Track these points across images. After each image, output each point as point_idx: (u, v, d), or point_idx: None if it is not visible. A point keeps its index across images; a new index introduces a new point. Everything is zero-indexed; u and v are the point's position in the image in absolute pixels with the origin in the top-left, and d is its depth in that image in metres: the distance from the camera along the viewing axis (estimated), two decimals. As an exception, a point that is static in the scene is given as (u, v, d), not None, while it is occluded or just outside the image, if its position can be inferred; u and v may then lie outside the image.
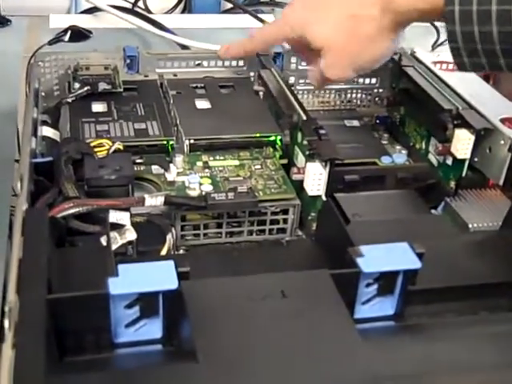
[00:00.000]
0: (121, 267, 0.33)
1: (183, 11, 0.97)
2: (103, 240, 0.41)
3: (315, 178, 0.45)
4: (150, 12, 0.90)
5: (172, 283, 0.33)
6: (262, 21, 0.81)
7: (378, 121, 0.63)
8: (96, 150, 0.45)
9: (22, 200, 0.38)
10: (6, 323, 0.30)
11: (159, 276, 0.33)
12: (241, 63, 0.60)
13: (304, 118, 0.49)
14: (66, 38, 0.78)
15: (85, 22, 0.84)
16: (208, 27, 0.87)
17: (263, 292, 0.32)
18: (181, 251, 0.45)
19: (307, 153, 0.47)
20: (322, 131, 0.47)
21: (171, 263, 0.34)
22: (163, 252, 0.42)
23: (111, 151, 0.45)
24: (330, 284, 0.33)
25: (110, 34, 0.82)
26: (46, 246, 0.35)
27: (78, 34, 0.79)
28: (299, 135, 0.49)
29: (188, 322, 0.31)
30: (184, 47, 0.74)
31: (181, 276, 0.33)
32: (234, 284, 0.33)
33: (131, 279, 0.33)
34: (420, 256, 0.35)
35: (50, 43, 0.76)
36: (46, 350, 0.28)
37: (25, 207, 0.37)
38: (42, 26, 0.84)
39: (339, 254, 0.38)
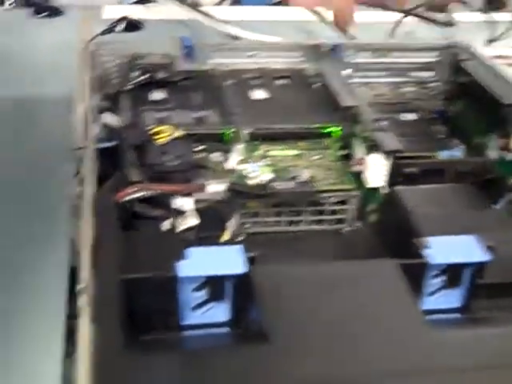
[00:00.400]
0: (189, 251, 0.34)
1: (233, 3, 0.97)
2: (165, 225, 0.42)
3: (376, 170, 0.45)
4: (199, 4, 0.90)
5: (240, 267, 0.33)
6: (314, 12, 0.81)
7: (434, 115, 0.62)
8: (157, 136, 0.45)
9: (88, 184, 0.38)
10: (82, 300, 0.30)
11: (228, 260, 0.33)
12: (296, 54, 0.60)
13: (365, 109, 0.49)
14: (119, 28, 0.79)
15: (137, 12, 0.85)
16: (258, 19, 0.87)
17: (332, 279, 0.32)
18: (240, 239, 0.45)
19: (367, 144, 0.47)
20: (382, 123, 0.47)
21: (239, 248, 0.34)
22: (225, 239, 0.43)
23: (172, 138, 0.46)
24: (398, 274, 0.33)
25: (162, 24, 0.82)
26: (115, 228, 0.35)
27: (131, 25, 0.80)
28: (358, 127, 0.49)
29: (258, 306, 0.31)
30: (236, 38, 0.74)
31: (249, 261, 0.33)
32: (302, 271, 0.33)
33: (200, 263, 0.33)
34: (488, 249, 0.35)
35: (103, 33, 0.77)
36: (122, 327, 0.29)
37: (92, 191, 0.38)
38: (94, 16, 0.84)
39: (403, 245, 0.38)
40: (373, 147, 0.46)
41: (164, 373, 0.27)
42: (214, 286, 0.33)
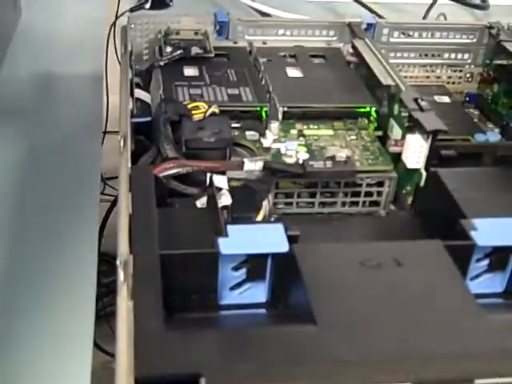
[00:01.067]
0: (230, 228, 0.33)
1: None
2: (199, 202, 0.41)
3: (415, 151, 0.44)
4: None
5: (283, 246, 0.32)
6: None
7: (467, 98, 0.61)
8: (193, 112, 0.45)
9: (126, 158, 0.38)
10: (121, 275, 0.30)
11: (269, 238, 0.32)
12: (331, 33, 0.58)
13: (403, 88, 0.47)
14: (148, 5, 0.78)
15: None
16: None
17: (376, 259, 0.31)
18: (272, 219, 0.45)
19: (406, 125, 0.46)
20: (422, 102, 0.46)
21: (280, 226, 0.33)
22: (259, 218, 0.42)
23: (208, 114, 0.45)
24: (444, 255, 0.32)
25: (190, 2, 0.82)
26: (153, 203, 0.34)
27: (159, 2, 0.79)
28: (396, 106, 0.48)
29: (302, 285, 0.30)
30: (264, 15, 0.73)
31: (291, 239, 0.33)
32: (345, 250, 0.32)
33: (241, 240, 0.32)
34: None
35: (132, 10, 0.76)
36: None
37: (129, 165, 0.37)
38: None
39: (446, 227, 0.37)
40: (411, 128, 0.45)
41: (205, 351, 0.26)
42: (255, 265, 0.33)
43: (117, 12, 0.81)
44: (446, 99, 0.60)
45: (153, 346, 0.26)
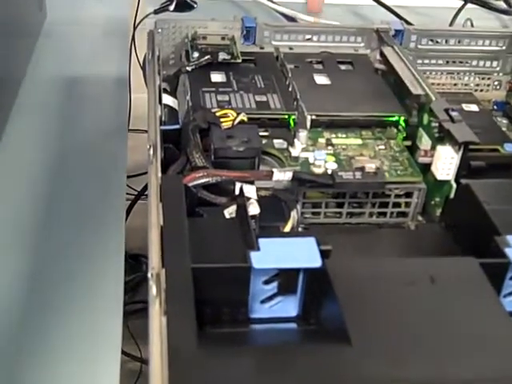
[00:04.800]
0: (262, 241, 0.33)
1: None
2: (227, 212, 0.41)
3: (446, 162, 0.43)
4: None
5: (315, 261, 0.32)
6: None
7: (495, 106, 0.60)
8: (221, 120, 0.44)
9: (155, 167, 0.38)
10: (153, 289, 0.30)
11: (302, 253, 0.32)
12: (358, 39, 0.58)
13: (433, 98, 0.47)
14: (172, 7, 0.77)
15: (188, -9, 0.84)
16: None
17: (410, 276, 0.31)
18: (300, 229, 0.44)
19: (436, 135, 0.45)
20: (453, 113, 0.45)
21: (313, 240, 0.33)
22: (287, 228, 0.41)
23: (236, 122, 0.44)
24: (479, 273, 0.32)
25: (214, 4, 0.81)
26: (184, 213, 0.34)
27: (183, 4, 0.78)
28: (426, 116, 0.47)
29: (335, 302, 0.30)
30: (291, 20, 0.72)
31: (323, 254, 0.32)
32: (378, 266, 0.32)
33: (273, 254, 0.32)
34: None
35: (156, 12, 0.76)
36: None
37: (159, 174, 0.37)
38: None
39: (478, 242, 0.37)
40: (441, 138, 0.45)
41: (239, 373, 0.26)
42: (287, 278, 0.32)
43: (136, 13, 0.81)
44: (473, 107, 0.59)
45: (188, 366, 0.25)
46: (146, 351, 0.27)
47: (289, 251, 0.32)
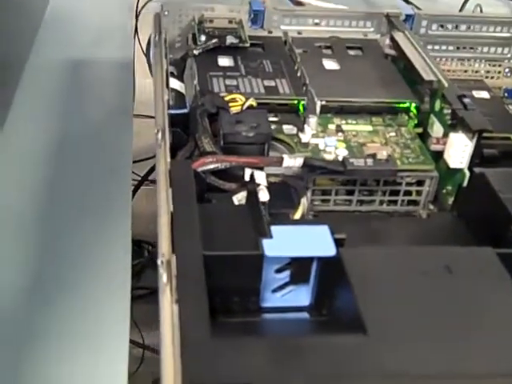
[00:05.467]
0: (275, 229, 0.32)
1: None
2: (235, 198, 0.40)
3: (459, 150, 0.42)
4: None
5: (330, 250, 0.31)
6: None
7: (506, 93, 0.59)
8: (230, 104, 0.43)
9: (164, 152, 0.37)
10: (164, 276, 0.29)
11: (315, 241, 0.31)
12: (368, 24, 0.57)
13: (446, 84, 0.46)
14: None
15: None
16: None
17: (426, 266, 0.30)
18: (310, 216, 0.43)
19: (449, 122, 0.44)
20: (466, 100, 0.44)
21: (326, 228, 0.32)
22: (297, 216, 0.41)
23: (245, 107, 0.44)
24: (497, 263, 0.31)
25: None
26: (194, 199, 0.33)
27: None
28: (437, 103, 0.46)
29: (350, 291, 0.29)
30: (298, 4, 0.71)
31: (337, 242, 0.31)
32: (393, 255, 0.31)
33: (286, 242, 0.31)
34: None
35: (161, -5, 0.75)
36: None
37: (168, 159, 0.36)
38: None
39: (493, 232, 0.36)
40: (454, 125, 0.44)
41: (253, 362, 0.25)
42: (299, 267, 0.31)
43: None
44: (484, 94, 0.58)
45: (201, 356, 0.25)
46: (150, 337, 0.26)
47: (302, 239, 0.31)
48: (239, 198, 0.40)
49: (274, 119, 0.45)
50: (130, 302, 0.41)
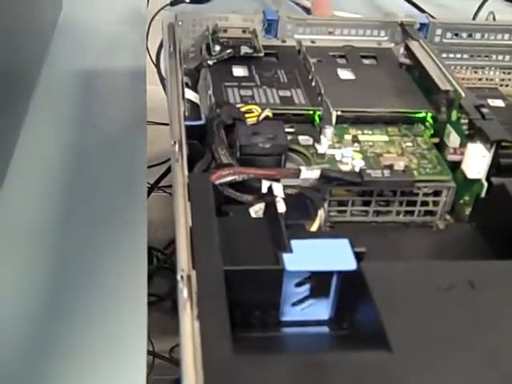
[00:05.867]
0: (294, 243, 0.32)
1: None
2: (252, 210, 0.40)
3: (477, 161, 0.42)
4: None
5: (350, 264, 0.31)
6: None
7: (519, 101, 0.59)
8: (246, 115, 0.43)
9: (182, 165, 0.37)
10: (185, 292, 0.29)
11: (335, 255, 0.31)
12: (382, 33, 0.57)
13: (463, 94, 0.46)
14: (188, -1, 0.76)
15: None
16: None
17: (449, 280, 0.30)
18: (327, 228, 0.43)
19: (466, 132, 0.44)
20: (484, 110, 0.44)
21: (346, 242, 0.32)
22: (314, 228, 0.40)
23: (261, 118, 0.43)
24: (521, 278, 0.31)
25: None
26: (213, 213, 0.33)
27: (200, -4, 0.77)
28: (454, 113, 0.46)
29: (372, 306, 0.29)
30: (310, 13, 0.71)
31: (357, 256, 0.31)
32: (415, 269, 0.31)
33: (306, 256, 0.31)
34: None
35: (173, 4, 0.75)
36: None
37: (186, 172, 0.36)
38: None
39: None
40: (471, 135, 0.44)
41: (276, 378, 0.25)
42: (319, 281, 0.31)
43: (147, 3, 0.79)
44: (499, 103, 0.58)
45: (224, 374, 0.24)
46: (159, 344, 0.26)
47: (322, 253, 0.31)
48: (256, 209, 0.39)
49: (290, 130, 0.45)
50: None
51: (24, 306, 0.40)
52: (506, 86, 0.60)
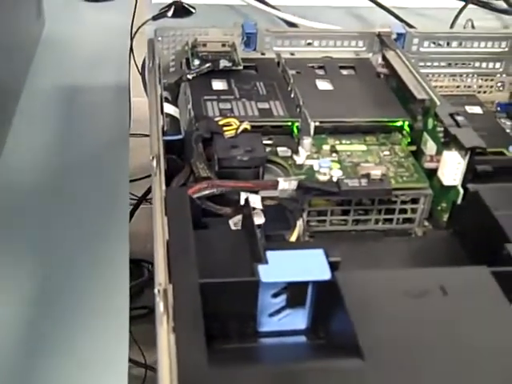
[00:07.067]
0: (270, 254, 0.32)
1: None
2: (232, 222, 0.40)
3: (452, 168, 0.43)
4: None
5: (325, 273, 0.31)
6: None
7: (499, 108, 0.60)
8: (224, 129, 0.44)
9: (159, 179, 0.37)
10: (161, 306, 0.29)
11: (310, 265, 0.32)
12: (360, 43, 0.57)
13: (438, 103, 0.46)
14: (170, 13, 0.77)
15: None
16: (310, 5, 0.84)
17: (422, 288, 0.31)
18: (306, 238, 0.44)
19: (442, 140, 0.45)
20: (459, 117, 0.45)
21: (321, 252, 0.32)
22: (293, 238, 0.41)
23: (239, 131, 0.44)
24: (492, 283, 0.31)
25: (213, 10, 0.81)
26: (190, 227, 0.34)
27: (181, 10, 0.78)
28: (430, 121, 0.47)
29: (345, 315, 0.29)
30: (291, 25, 0.72)
31: (332, 266, 0.32)
32: (388, 278, 0.31)
33: (281, 267, 0.31)
34: None
35: (155, 19, 0.75)
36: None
37: (163, 187, 0.37)
38: (145, 0, 0.83)
39: (488, 250, 0.36)
40: (447, 143, 0.44)
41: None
42: (295, 291, 0.32)
43: (132, 20, 0.80)
44: (477, 109, 0.59)
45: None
46: (151, 357, 0.27)
47: (297, 264, 0.32)
48: (235, 221, 0.40)
49: (269, 142, 0.46)
50: (130, 321, 0.42)
51: (5, 317, 0.40)
52: (484, 92, 0.61)
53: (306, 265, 0.31)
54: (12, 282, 0.43)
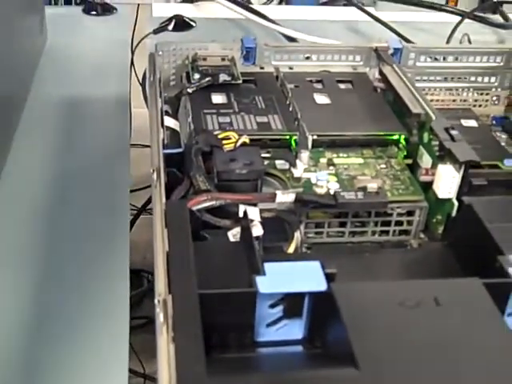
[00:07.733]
0: (267, 266, 0.33)
1: (280, 2, 0.96)
2: (230, 234, 0.41)
3: (447, 181, 0.44)
4: (249, 2, 0.90)
5: (321, 285, 0.32)
6: (367, 13, 0.79)
7: (494, 121, 0.61)
8: (223, 142, 0.45)
9: (159, 192, 0.38)
10: (161, 316, 0.30)
11: (307, 277, 0.32)
12: (357, 58, 0.58)
13: (433, 117, 0.47)
14: (170, 27, 0.78)
15: (186, 11, 0.84)
16: (308, 19, 0.86)
17: (416, 299, 0.31)
18: (304, 249, 0.44)
19: (437, 154, 0.46)
20: (453, 132, 0.46)
21: (318, 264, 0.33)
22: (291, 250, 0.42)
23: (238, 144, 0.45)
24: (484, 294, 0.32)
25: (213, 23, 0.82)
26: (190, 239, 0.34)
27: (182, 24, 0.79)
28: (426, 135, 0.47)
29: (341, 325, 0.30)
30: (290, 39, 0.73)
31: (328, 277, 0.33)
32: (383, 289, 0.32)
33: (279, 279, 0.32)
34: None
35: (156, 32, 0.76)
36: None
37: (163, 200, 0.37)
38: (145, 14, 0.84)
39: (481, 261, 0.37)
40: (442, 157, 0.45)
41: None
42: (292, 302, 0.32)
43: (133, 34, 0.81)
44: (472, 123, 0.60)
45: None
46: (150, 367, 0.27)
47: (294, 275, 0.32)
48: (234, 233, 0.41)
49: (267, 155, 0.47)
50: (130, 331, 0.42)
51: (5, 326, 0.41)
52: (480, 106, 0.62)
53: (303, 276, 0.32)
54: (12, 294, 0.44)
